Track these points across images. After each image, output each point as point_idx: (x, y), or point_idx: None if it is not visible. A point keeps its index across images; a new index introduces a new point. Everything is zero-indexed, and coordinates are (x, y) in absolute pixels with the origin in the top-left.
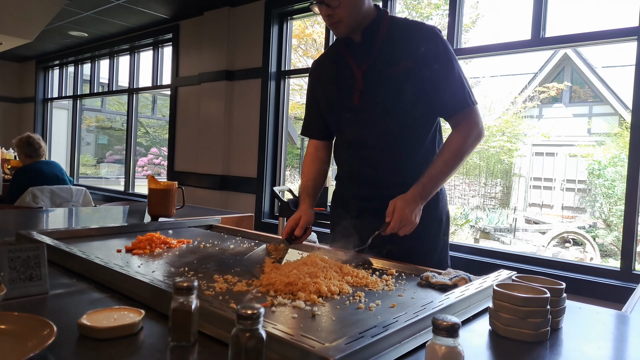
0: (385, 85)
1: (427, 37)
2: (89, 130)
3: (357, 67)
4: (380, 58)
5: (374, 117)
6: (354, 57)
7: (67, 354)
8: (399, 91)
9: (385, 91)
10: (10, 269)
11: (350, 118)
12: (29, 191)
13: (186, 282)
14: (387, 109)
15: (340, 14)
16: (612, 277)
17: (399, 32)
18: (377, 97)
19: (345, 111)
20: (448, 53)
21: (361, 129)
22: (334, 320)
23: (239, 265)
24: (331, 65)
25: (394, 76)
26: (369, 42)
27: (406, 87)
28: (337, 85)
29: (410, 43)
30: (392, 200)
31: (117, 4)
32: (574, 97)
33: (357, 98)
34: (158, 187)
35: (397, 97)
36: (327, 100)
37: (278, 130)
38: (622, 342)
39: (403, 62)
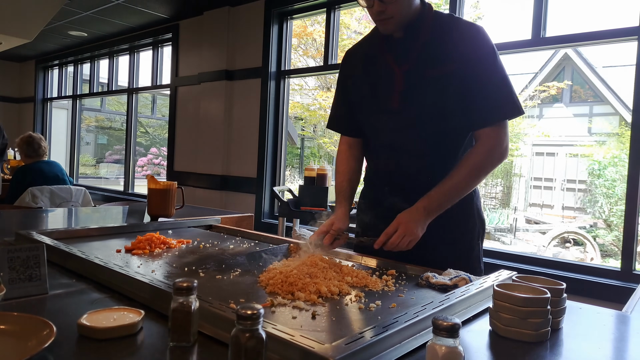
0: (428, 88)
1: (470, 37)
2: (89, 130)
3: (397, 67)
4: (423, 57)
5: (413, 121)
6: (394, 54)
7: (66, 354)
8: (441, 94)
9: (427, 94)
10: (10, 269)
11: (387, 120)
12: (29, 191)
13: (186, 282)
14: (428, 113)
15: (393, 11)
16: (613, 277)
17: (442, 30)
18: (418, 99)
19: (381, 113)
20: (490, 54)
21: (399, 133)
22: (334, 321)
23: (242, 264)
24: (367, 60)
25: (437, 78)
26: (410, 39)
27: (449, 90)
28: (373, 85)
29: (455, 43)
30: (398, 216)
31: (117, 4)
32: (574, 97)
33: (396, 100)
34: (158, 187)
35: (438, 101)
36: (361, 99)
37: (278, 130)
38: (623, 342)
39: (446, 63)
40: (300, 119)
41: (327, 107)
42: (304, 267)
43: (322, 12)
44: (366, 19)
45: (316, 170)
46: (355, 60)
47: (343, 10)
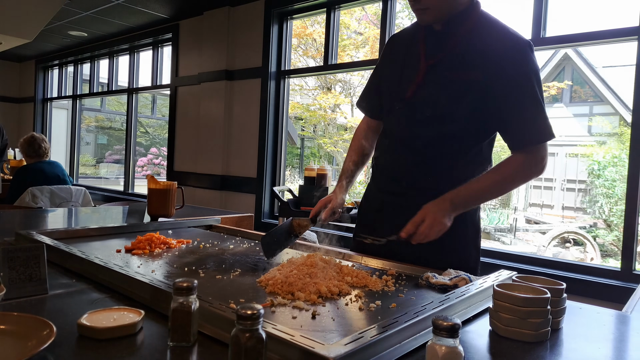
0: (445, 89)
1: (516, 52)
2: (89, 130)
3: (424, 59)
4: (452, 57)
5: (422, 116)
6: (427, 46)
7: (66, 354)
8: (457, 99)
9: (442, 94)
10: (10, 269)
11: (400, 110)
12: (29, 191)
13: (186, 282)
14: (439, 113)
15: (428, 2)
16: (613, 277)
17: (483, 35)
18: (431, 97)
19: (397, 101)
20: (535, 77)
21: (406, 124)
22: (334, 321)
23: (241, 263)
24: (405, 46)
25: (458, 82)
26: (448, 35)
27: (467, 97)
28: (400, 72)
29: (492, 52)
30: (424, 207)
31: (117, 4)
32: (574, 96)
33: (411, 91)
34: (158, 187)
35: (452, 104)
36: (388, 82)
37: (278, 130)
38: (623, 343)
39: (473, 70)
40: (300, 119)
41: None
42: (304, 267)
43: (322, 12)
44: (366, 19)
45: (316, 170)
46: (397, 45)
47: (343, 10)
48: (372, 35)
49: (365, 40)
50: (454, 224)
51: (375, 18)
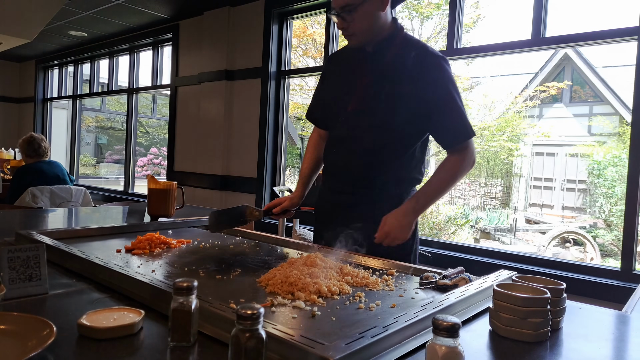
0: (381, 102)
1: (434, 66)
2: (89, 130)
3: (361, 77)
4: (384, 74)
5: (362, 126)
6: (362, 66)
7: (66, 354)
8: (391, 111)
9: (379, 107)
10: (10, 269)
11: (342, 121)
12: (29, 191)
13: (186, 282)
14: (376, 122)
15: (354, 28)
16: (613, 277)
17: (407, 54)
18: (369, 109)
19: (340, 113)
20: (451, 84)
21: (348, 132)
22: (334, 321)
23: (239, 262)
24: (344, 65)
25: (391, 96)
26: (378, 56)
27: (400, 109)
28: (341, 87)
29: (416, 68)
30: (385, 216)
31: (117, 4)
32: (574, 97)
33: (352, 105)
34: (158, 187)
35: (388, 115)
36: (330, 97)
37: (278, 130)
38: (623, 343)
39: (403, 85)
40: (300, 119)
41: None
42: (304, 267)
43: (322, 12)
44: None
45: None
46: (337, 62)
47: None
48: None
49: None
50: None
51: None
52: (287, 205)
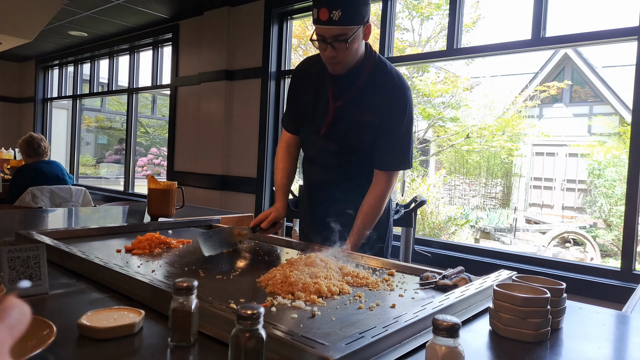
0: (349, 127)
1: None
2: (89, 130)
3: (333, 101)
4: (353, 101)
5: (334, 148)
6: (334, 89)
7: (66, 354)
8: (359, 136)
9: (348, 132)
10: (10, 269)
11: (316, 141)
12: (29, 191)
13: (186, 282)
14: (347, 145)
15: (342, 57)
16: (613, 277)
17: (375, 81)
18: (340, 133)
19: (313, 133)
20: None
21: (320, 153)
22: (334, 321)
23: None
24: (315, 84)
25: (358, 122)
26: (349, 81)
27: (366, 134)
28: (314, 108)
29: (382, 100)
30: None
31: (117, 4)
32: (574, 97)
33: (324, 129)
34: (158, 187)
35: (356, 139)
36: (303, 112)
37: (278, 130)
38: (623, 342)
39: (368, 113)
40: None
41: None
42: (304, 267)
43: None
44: None
45: None
46: (307, 77)
47: None
48: (372, 35)
49: None
50: None
51: (375, 18)
52: (274, 217)
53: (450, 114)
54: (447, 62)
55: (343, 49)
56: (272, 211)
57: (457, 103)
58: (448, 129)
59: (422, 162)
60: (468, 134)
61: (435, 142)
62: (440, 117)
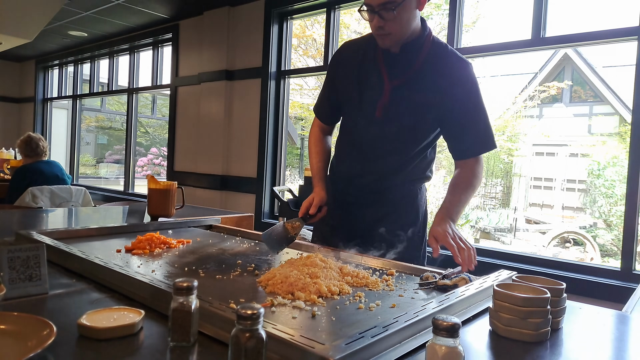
0: (411, 108)
1: (463, 77)
2: (89, 130)
3: (388, 80)
4: (414, 79)
5: (387, 131)
6: (388, 68)
7: (66, 354)
8: (421, 117)
9: (409, 114)
10: (10, 269)
11: (366, 126)
12: (29, 191)
13: (186, 282)
14: (402, 128)
15: (392, 28)
16: (613, 277)
17: (436, 59)
18: (398, 116)
19: (363, 117)
20: (479, 95)
21: (372, 138)
22: (334, 321)
23: (245, 257)
24: (360, 63)
25: (421, 102)
26: (407, 59)
27: (429, 116)
28: (361, 89)
29: (445, 77)
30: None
31: (117, 4)
32: (574, 96)
33: (380, 111)
34: (158, 187)
35: (417, 122)
36: (348, 98)
37: (278, 130)
38: (623, 343)
39: (432, 93)
40: (300, 119)
41: None
42: (304, 267)
43: (322, 12)
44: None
45: None
46: (349, 62)
47: (343, 10)
48: None
49: None
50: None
51: None
52: (319, 201)
53: None
54: None
55: (391, 19)
56: (314, 196)
57: None
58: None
59: None
60: None
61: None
62: None
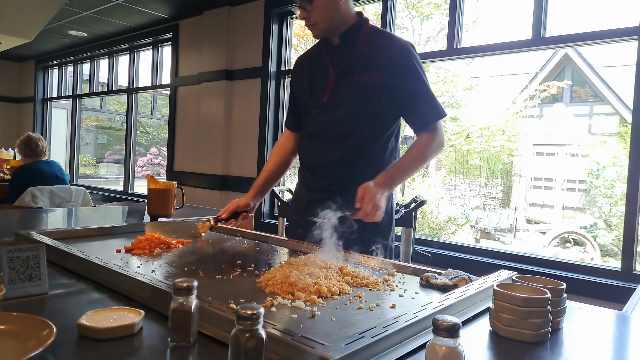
0: (354, 91)
1: (402, 53)
2: (89, 130)
3: (332, 68)
4: (355, 64)
5: (338, 116)
6: (331, 58)
7: (66, 354)
8: (366, 98)
9: (353, 96)
10: (10, 269)
11: (317, 114)
12: (28, 191)
13: (186, 282)
14: (352, 111)
15: (315, 17)
16: (613, 277)
17: (376, 43)
18: (345, 99)
19: (314, 107)
20: (420, 70)
21: (323, 125)
22: (334, 321)
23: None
24: (311, 62)
25: (364, 84)
26: (346, 47)
27: (373, 96)
28: (311, 82)
29: (385, 56)
30: (361, 186)
31: (117, 4)
32: (574, 96)
33: (327, 96)
34: (157, 187)
35: (363, 103)
36: (302, 94)
37: (278, 130)
38: (623, 343)
39: (375, 73)
40: None
41: None
42: (304, 267)
43: None
44: None
45: None
46: (303, 63)
47: None
48: None
49: None
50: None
51: (375, 18)
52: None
53: (451, 113)
54: (447, 62)
55: (311, 9)
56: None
57: (457, 103)
58: (448, 129)
59: None
60: (468, 134)
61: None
62: None
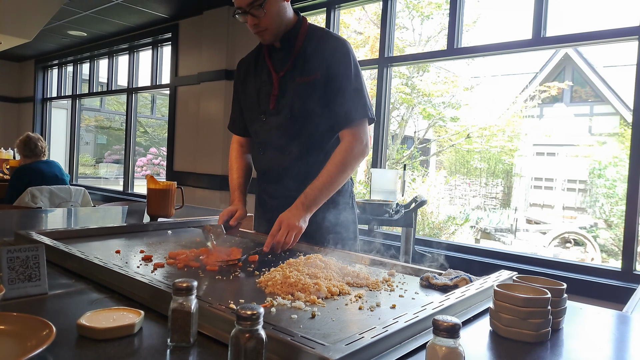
0: (296, 93)
1: (334, 51)
2: (88, 130)
3: (275, 73)
4: (295, 66)
5: (284, 121)
6: (274, 62)
7: (66, 354)
8: (307, 100)
9: (295, 98)
10: (9, 269)
11: (265, 121)
12: (28, 191)
13: (185, 282)
14: (296, 115)
15: (265, 23)
16: (613, 278)
17: (313, 43)
18: (288, 103)
19: (261, 114)
20: (354, 66)
21: (271, 132)
22: (334, 321)
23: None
24: (254, 67)
25: (304, 85)
26: (287, 49)
27: (313, 96)
28: (257, 89)
29: (321, 55)
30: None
31: (117, 4)
32: (575, 96)
33: (272, 103)
34: (157, 187)
35: (304, 105)
36: (248, 101)
37: None
38: (623, 343)
39: (313, 73)
40: None
41: None
42: (304, 267)
43: (322, 11)
44: (366, 19)
45: None
46: (246, 68)
47: (343, 10)
48: (372, 35)
49: (366, 39)
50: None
51: (375, 18)
52: (241, 215)
53: (451, 113)
54: (447, 62)
55: (262, 15)
56: (236, 209)
57: (458, 103)
58: (448, 129)
59: (422, 162)
60: (468, 134)
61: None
62: (440, 117)
